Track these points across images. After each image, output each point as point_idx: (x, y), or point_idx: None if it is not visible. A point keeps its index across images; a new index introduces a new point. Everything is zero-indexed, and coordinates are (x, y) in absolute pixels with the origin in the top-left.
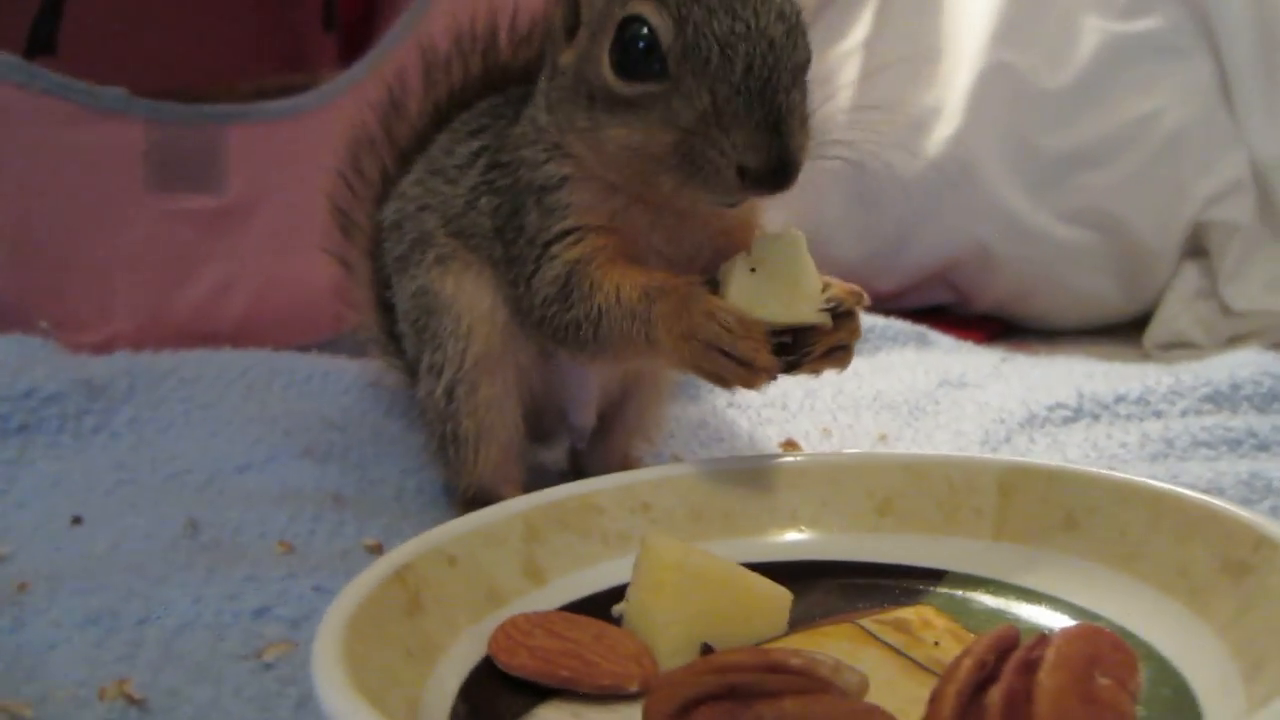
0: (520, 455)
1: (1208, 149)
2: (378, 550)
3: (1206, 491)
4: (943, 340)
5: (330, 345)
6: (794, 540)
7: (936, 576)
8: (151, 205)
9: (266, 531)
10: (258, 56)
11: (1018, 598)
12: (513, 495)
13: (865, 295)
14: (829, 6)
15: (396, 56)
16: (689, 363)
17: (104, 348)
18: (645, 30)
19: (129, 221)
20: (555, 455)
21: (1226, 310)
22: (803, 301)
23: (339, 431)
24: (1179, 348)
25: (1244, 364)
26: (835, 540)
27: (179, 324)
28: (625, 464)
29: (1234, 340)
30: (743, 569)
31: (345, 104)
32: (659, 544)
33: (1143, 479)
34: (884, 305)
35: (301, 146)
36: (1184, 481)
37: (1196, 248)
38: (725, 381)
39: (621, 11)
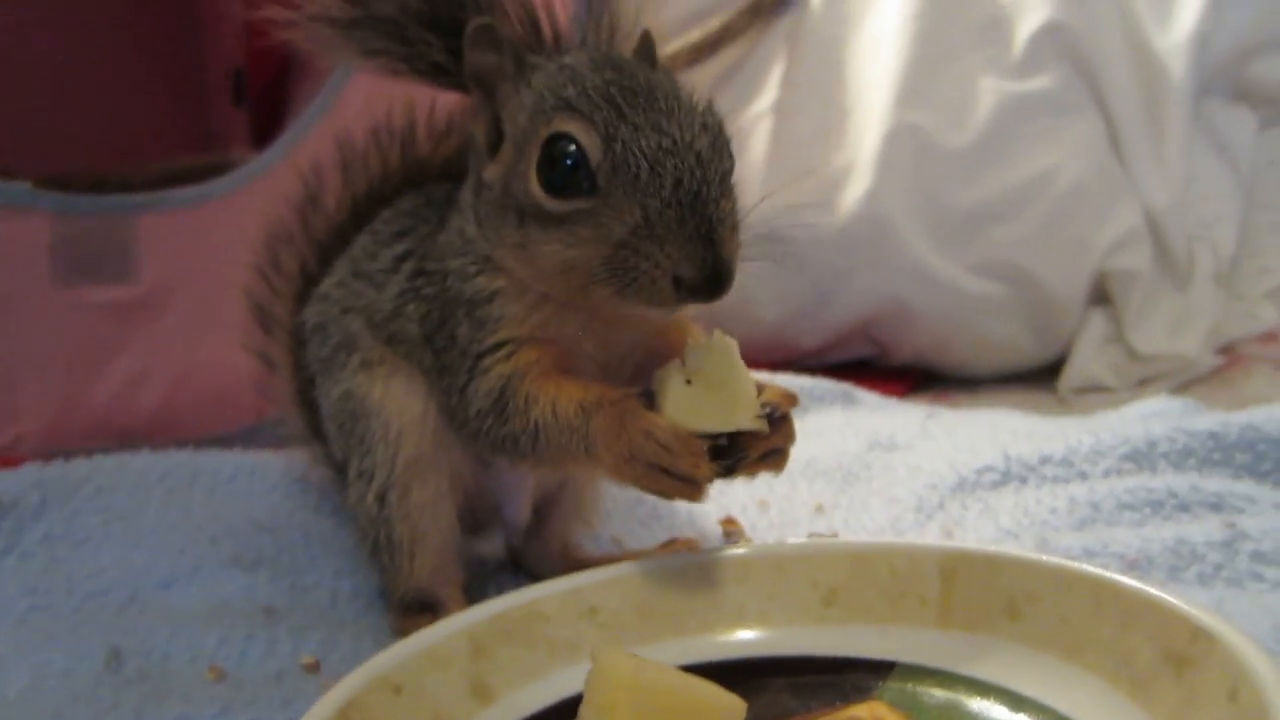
0: (457, 555)
1: (1104, 201)
2: (315, 669)
3: (1135, 561)
4: (868, 398)
5: (250, 434)
6: (743, 638)
7: (886, 669)
8: (59, 300)
9: (196, 656)
10: (165, 132)
11: (967, 689)
12: (451, 596)
13: (797, 397)
14: (737, 71)
15: (310, 142)
16: (630, 481)
17: (9, 450)
18: (572, 148)
19: (35, 318)
20: (492, 546)
21: (1134, 354)
22: (739, 409)
23: (268, 534)
24: (1092, 392)
25: (1155, 416)
26: (783, 635)
27: (90, 421)
28: (564, 551)
29: (1144, 382)
30: (696, 680)
31: (258, 189)
32: (610, 662)
33: (1081, 566)
34: (807, 362)
35: (214, 233)
36: (1114, 550)
37: (1101, 295)
38: (668, 496)
39: (546, 130)
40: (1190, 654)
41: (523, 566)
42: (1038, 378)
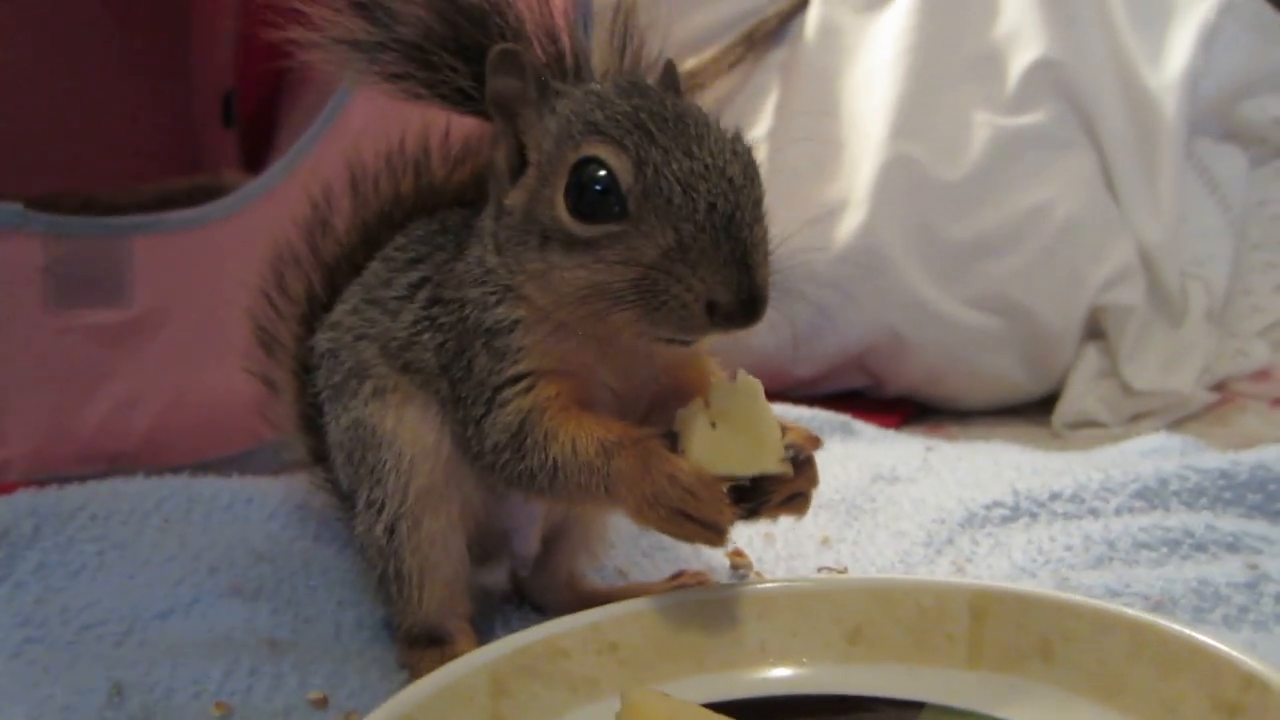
0: (466, 587)
1: (1099, 236)
2: (323, 705)
3: (1160, 602)
4: (866, 429)
5: (243, 461)
6: (766, 676)
7: (914, 709)
8: (51, 322)
9: (200, 691)
10: (155, 154)
11: None
12: (459, 629)
13: (821, 440)
14: (731, 102)
15: (307, 166)
16: (652, 524)
17: None
18: (601, 172)
19: (25, 340)
20: (495, 578)
21: (1128, 390)
22: (765, 452)
23: (267, 564)
24: (1085, 427)
25: (1157, 453)
26: (808, 673)
27: (80, 445)
28: (570, 583)
29: (1136, 418)
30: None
31: (254, 213)
32: (643, 702)
33: (1119, 607)
34: (803, 392)
35: (209, 256)
36: (1136, 591)
37: (1095, 330)
38: (689, 540)
39: (574, 154)
40: (1243, 702)
41: (527, 598)
42: (1030, 411)
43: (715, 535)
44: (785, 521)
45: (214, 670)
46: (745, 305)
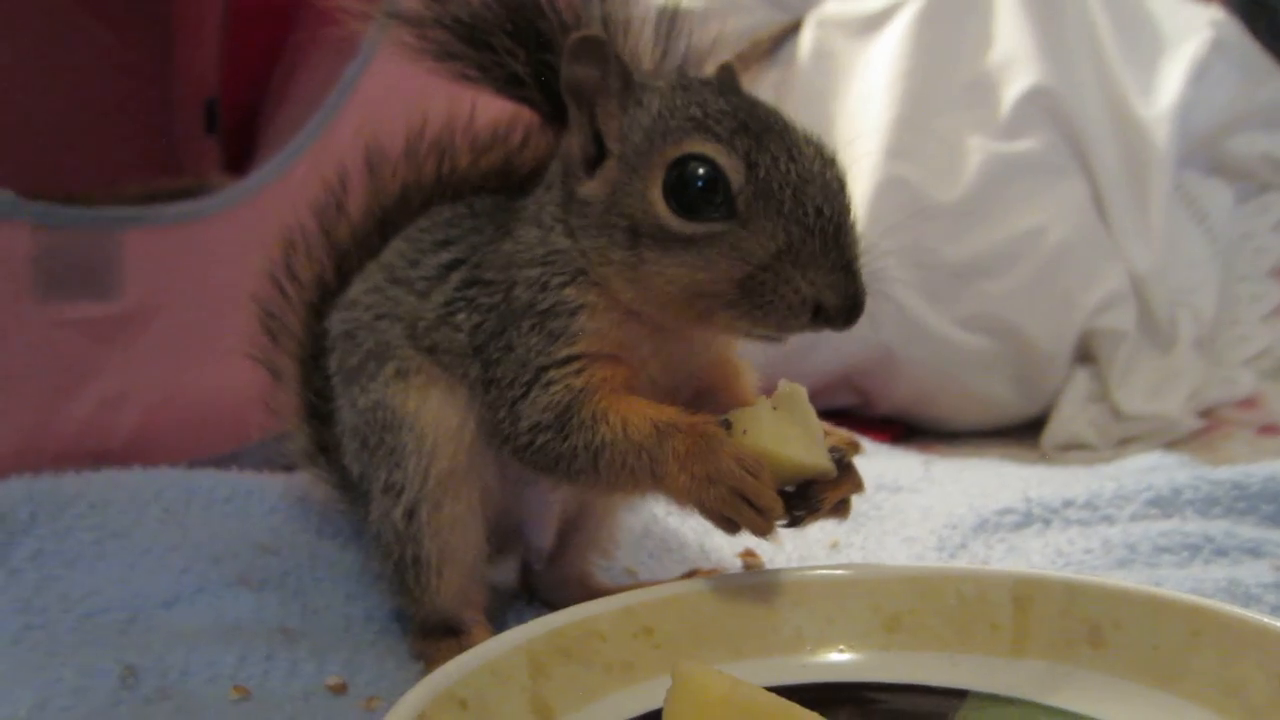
0: (483, 578)
1: (1090, 262)
2: (342, 690)
3: None
4: (862, 441)
5: (230, 461)
6: (804, 663)
7: (958, 697)
8: (38, 315)
9: (216, 675)
10: (136, 160)
11: (1050, 718)
12: (475, 619)
13: (861, 445)
14: None
15: (302, 165)
16: (704, 505)
17: None
18: (704, 170)
19: (11, 332)
20: (505, 574)
21: (1117, 413)
22: (819, 448)
23: (272, 556)
24: (1074, 449)
25: (1157, 470)
26: (847, 660)
27: (65, 441)
28: (582, 580)
29: (1125, 442)
30: (784, 701)
31: (247, 210)
32: (699, 677)
33: (1173, 592)
34: None
35: (201, 252)
36: (1169, 588)
37: (1085, 354)
38: (734, 526)
39: (674, 150)
40: None
41: (538, 595)
42: (1018, 433)
43: (765, 522)
44: None
45: (228, 655)
46: (849, 309)
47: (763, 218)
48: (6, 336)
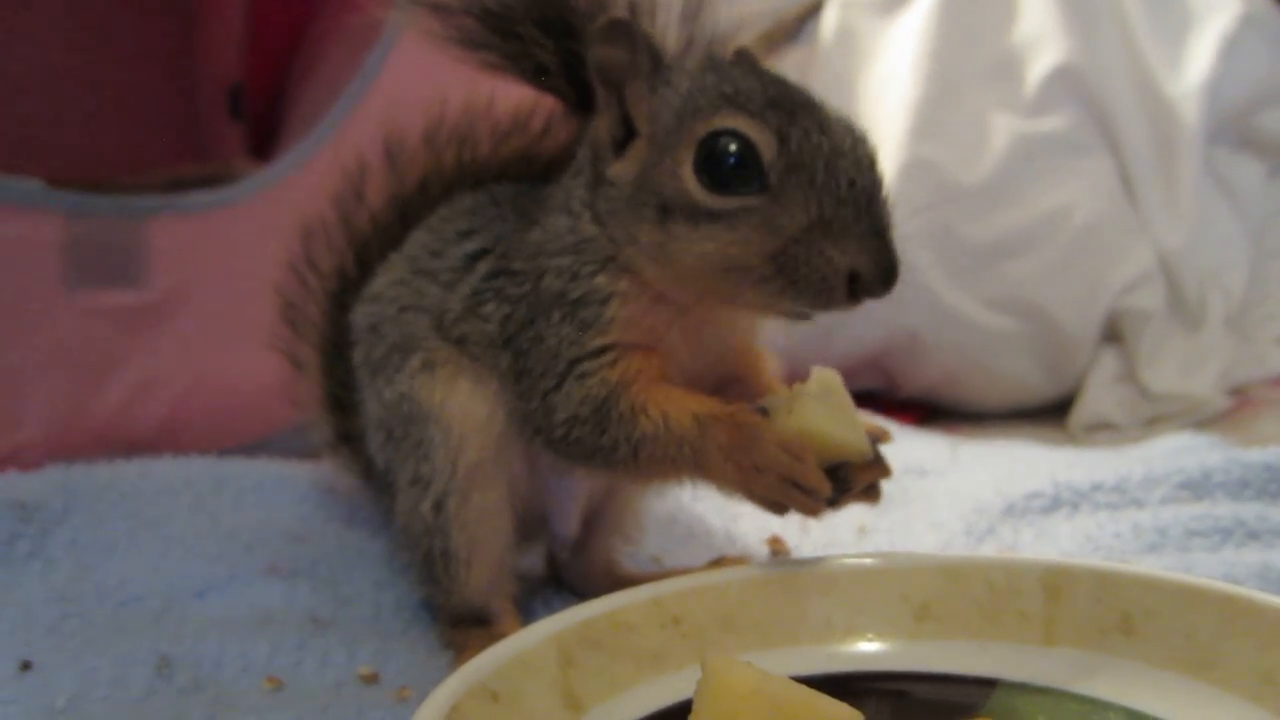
0: (511, 567)
1: (1118, 240)
2: (374, 680)
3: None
4: (888, 425)
5: (257, 449)
6: (834, 651)
7: (988, 686)
8: (69, 303)
9: (249, 665)
10: (161, 145)
11: (1080, 707)
12: (504, 608)
13: (890, 433)
14: None
15: (328, 151)
16: (753, 492)
17: (10, 459)
18: (735, 145)
19: (42, 321)
20: (531, 562)
21: (1145, 393)
22: (856, 430)
23: (303, 544)
24: (1102, 429)
25: (1187, 451)
26: (876, 649)
27: (94, 430)
28: (607, 568)
29: (1153, 422)
30: (814, 692)
31: (275, 197)
32: (729, 670)
33: (1205, 580)
34: None
35: (229, 239)
36: (1201, 573)
37: (1113, 333)
38: (783, 508)
39: (705, 127)
40: None
41: (565, 583)
42: (1044, 415)
43: (814, 503)
44: None
45: (261, 645)
46: (885, 275)
47: (795, 190)
48: (37, 325)
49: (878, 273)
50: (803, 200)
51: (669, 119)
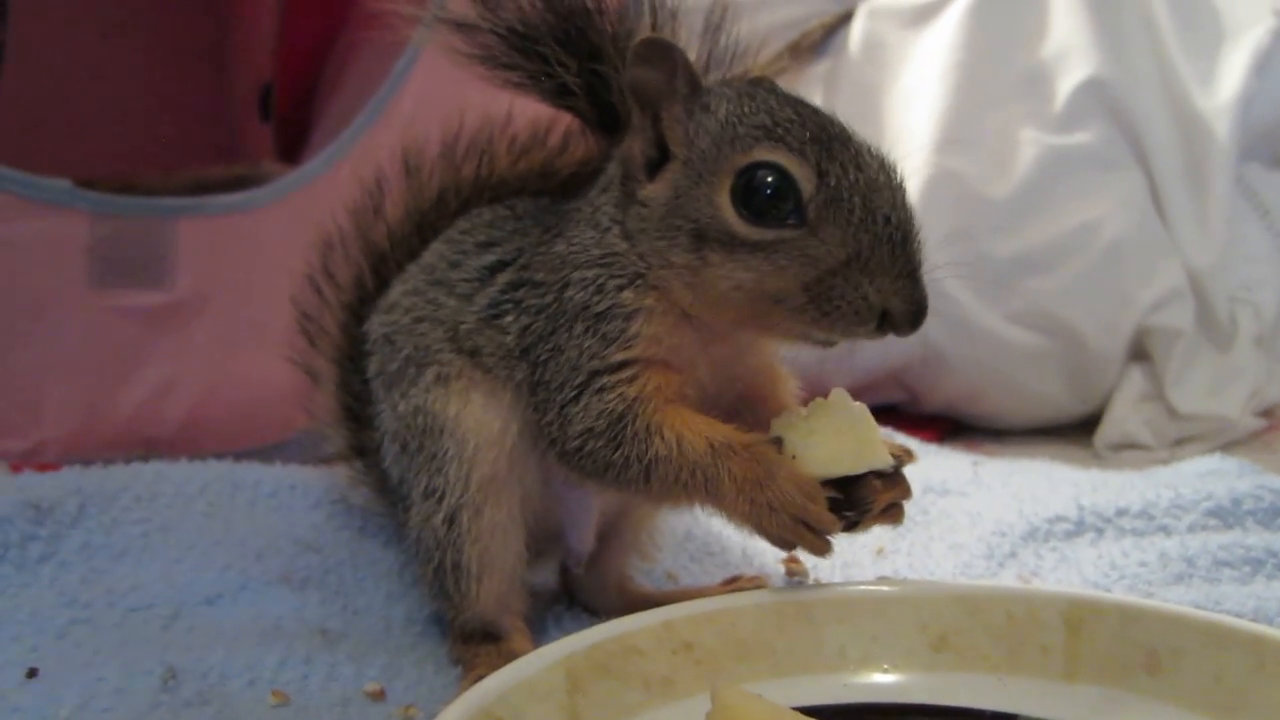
0: (522, 583)
1: (1146, 257)
2: (380, 697)
3: (1254, 621)
4: (908, 442)
5: (276, 452)
6: (848, 681)
7: None
8: (92, 302)
9: (255, 679)
10: (190, 145)
11: None
12: (514, 625)
13: (915, 453)
14: None
15: (354, 156)
16: (764, 530)
17: (30, 456)
18: (774, 178)
19: (66, 320)
20: (542, 576)
21: (1173, 413)
22: (875, 449)
23: (314, 554)
24: (1128, 449)
25: (1215, 474)
26: (892, 680)
27: (114, 429)
28: (620, 584)
29: (1181, 442)
30: None
31: (299, 201)
32: (736, 702)
33: (1233, 619)
34: None
35: (252, 242)
36: (1227, 608)
37: (1140, 352)
38: (791, 546)
39: (744, 157)
40: None
41: (578, 599)
42: (1069, 432)
43: (824, 543)
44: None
45: (268, 658)
46: (915, 316)
47: (832, 225)
48: (62, 324)
49: (908, 314)
50: (840, 236)
51: (706, 145)
